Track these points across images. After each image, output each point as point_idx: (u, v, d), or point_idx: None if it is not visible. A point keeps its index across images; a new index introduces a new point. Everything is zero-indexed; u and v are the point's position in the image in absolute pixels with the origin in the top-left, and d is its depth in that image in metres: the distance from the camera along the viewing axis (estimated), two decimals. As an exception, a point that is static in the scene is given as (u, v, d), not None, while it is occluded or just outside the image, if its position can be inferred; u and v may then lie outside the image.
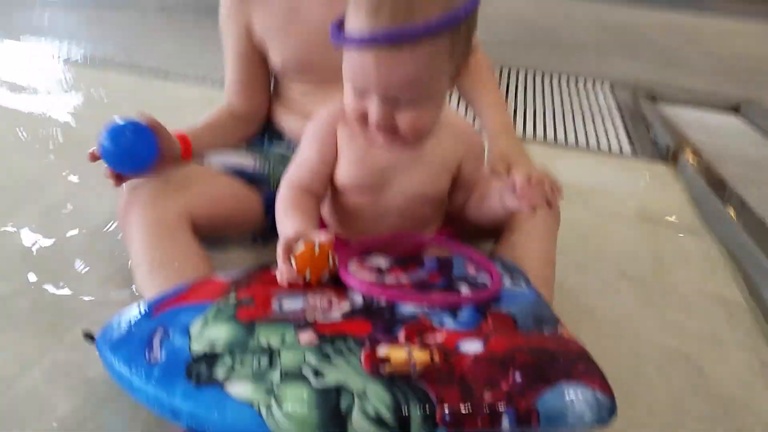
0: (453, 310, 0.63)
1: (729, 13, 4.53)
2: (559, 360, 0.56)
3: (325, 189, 0.77)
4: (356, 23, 0.60)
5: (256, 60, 0.95)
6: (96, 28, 2.15)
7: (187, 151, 0.84)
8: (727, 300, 0.98)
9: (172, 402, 0.51)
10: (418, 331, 0.59)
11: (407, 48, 0.59)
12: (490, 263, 0.73)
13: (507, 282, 0.70)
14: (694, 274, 1.05)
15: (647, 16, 3.94)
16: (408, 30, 0.58)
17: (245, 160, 0.90)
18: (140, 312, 0.61)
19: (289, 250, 0.64)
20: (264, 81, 0.98)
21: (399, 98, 0.64)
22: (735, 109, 2.03)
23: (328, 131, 0.74)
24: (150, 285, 0.72)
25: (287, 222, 0.70)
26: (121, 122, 0.74)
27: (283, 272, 0.64)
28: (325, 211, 0.82)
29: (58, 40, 1.96)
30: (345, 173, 0.74)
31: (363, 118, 0.66)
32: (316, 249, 0.64)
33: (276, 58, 0.93)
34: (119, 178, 0.76)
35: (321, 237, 0.64)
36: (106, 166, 0.74)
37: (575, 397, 0.52)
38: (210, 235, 0.82)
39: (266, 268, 0.69)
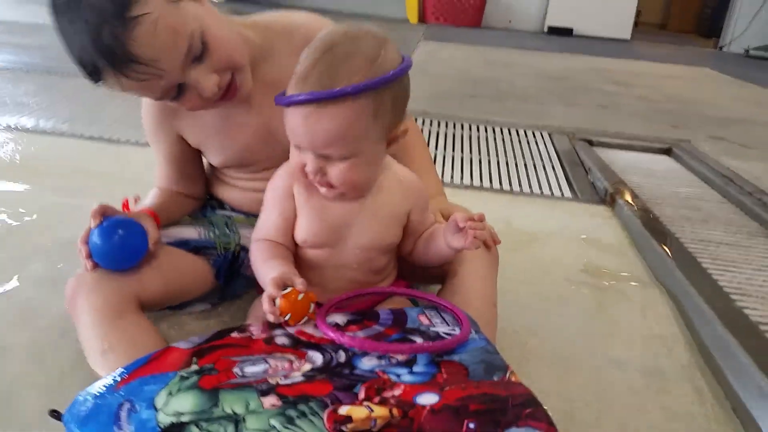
0: (409, 364, 0.67)
1: (661, 59, 4.82)
2: (508, 406, 0.60)
3: (291, 244, 0.80)
4: (292, 88, 0.70)
5: (190, 157, 0.95)
6: (45, 95, 2.16)
7: (157, 228, 0.86)
8: (665, 335, 1.04)
9: None
10: (377, 387, 0.62)
11: (329, 107, 0.67)
12: (460, 311, 0.77)
13: (458, 330, 0.74)
14: (634, 310, 1.11)
15: (584, 65, 4.16)
16: (327, 92, 0.67)
17: (188, 231, 0.92)
18: (105, 386, 0.62)
19: (277, 288, 0.69)
20: (200, 170, 0.99)
21: (329, 153, 0.70)
22: (667, 151, 2.15)
23: (285, 190, 0.79)
24: (104, 368, 0.74)
25: (266, 268, 0.75)
26: (111, 221, 0.77)
27: (266, 312, 0.69)
28: None
29: (7, 108, 1.96)
30: (303, 229, 0.79)
31: (304, 170, 0.73)
32: (300, 295, 0.69)
33: (215, 159, 0.94)
34: (96, 266, 0.77)
35: (305, 286, 0.70)
36: (85, 255, 0.76)
37: None
38: (164, 306, 0.83)
39: (226, 334, 0.72)
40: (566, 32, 6.16)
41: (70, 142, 1.73)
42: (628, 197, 1.57)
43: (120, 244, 0.77)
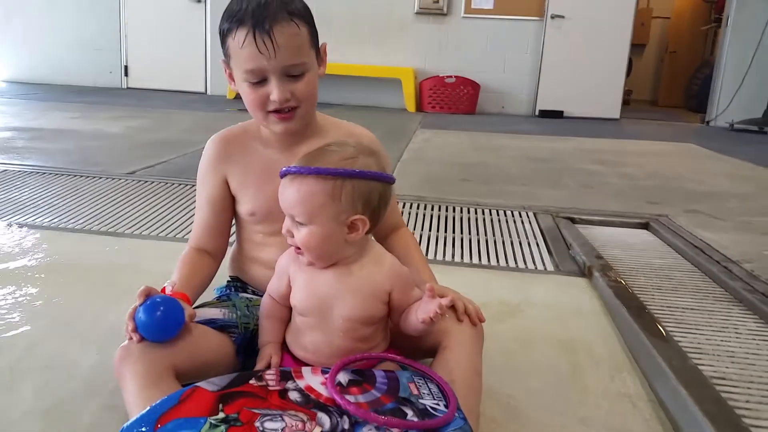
0: None
1: (647, 137, 5.07)
2: None
3: (288, 306, 1.00)
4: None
5: (226, 207, 1.16)
6: (71, 196, 2.36)
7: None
8: (630, 394, 1.16)
9: None
10: None
11: (298, 180, 0.91)
12: (448, 388, 0.90)
13: (442, 405, 0.88)
14: (603, 374, 1.23)
15: (571, 146, 4.39)
16: (297, 168, 0.90)
17: (215, 312, 1.07)
18: (143, 425, 0.76)
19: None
20: (228, 224, 1.19)
21: (294, 215, 0.92)
22: (645, 225, 2.31)
23: (286, 266, 1.00)
24: None
25: (262, 326, 1.04)
26: (154, 300, 0.92)
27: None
28: (290, 336, 1.01)
29: (40, 209, 2.16)
30: (294, 297, 0.98)
31: (290, 234, 0.95)
32: None
33: (246, 205, 1.13)
34: (141, 338, 0.92)
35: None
36: (131, 329, 0.91)
37: None
38: (192, 379, 0.97)
39: (245, 380, 0.86)
40: (557, 114, 6.48)
41: (95, 239, 1.91)
42: (603, 270, 1.71)
43: (162, 319, 0.92)
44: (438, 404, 0.88)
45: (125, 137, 3.91)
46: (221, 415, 0.79)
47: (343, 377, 0.91)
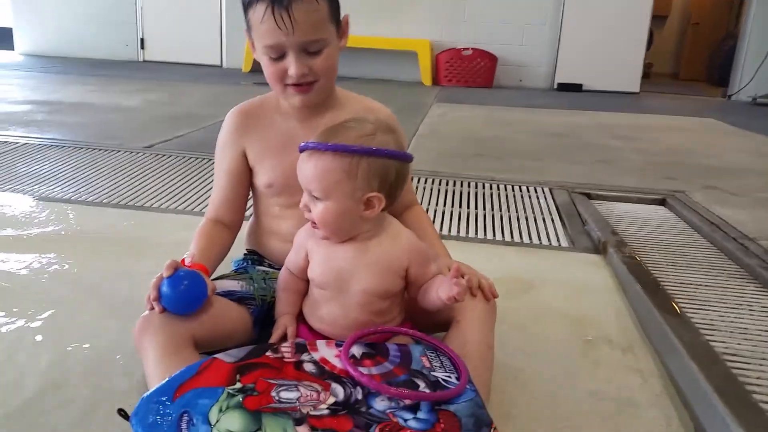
0: (413, 409, 0.82)
1: (667, 112, 5.00)
2: None
3: (305, 278, 1.02)
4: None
5: (244, 180, 1.17)
6: (90, 169, 2.40)
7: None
8: (642, 369, 1.17)
9: None
10: (389, 430, 0.78)
11: (316, 155, 0.92)
12: (460, 361, 0.92)
13: (453, 378, 0.89)
14: (615, 349, 1.24)
15: (589, 120, 4.35)
16: (315, 144, 0.91)
17: (233, 284, 1.09)
18: (164, 393, 0.79)
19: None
20: (245, 197, 1.21)
21: (311, 191, 0.93)
22: (661, 201, 2.30)
23: (303, 241, 1.01)
24: None
25: (279, 297, 1.06)
26: (179, 273, 0.94)
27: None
28: (307, 308, 1.03)
29: (59, 182, 2.20)
30: (312, 270, 1.00)
31: (307, 209, 0.97)
32: None
33: (264, 177, 1.15)
34: (163, 309, 0.94)
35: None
36: (153, 298, 0.93)
37: None
38: (210, 349, 0.99)
39: (261, 352, 0.89)
40: (576, 88, 6.39)
41: (114, 212, 1.94)
42: (618, 246, 1.71)
43: (186, 293, 0.94)
44: (450, 377, 0.90)
45: (142, 110, 3.93)
46: (238, 385, 0.81)
47: (356, 350, 0.92)
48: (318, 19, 1.01)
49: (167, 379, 0.82)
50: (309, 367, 0.88)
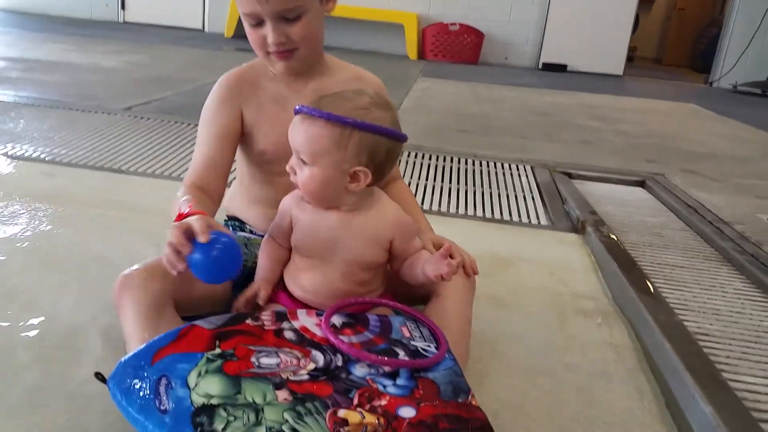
0: (393, 376, 0.83)
1: (649, 95, 5.03)
2: (468, 427, 0.77)
3: (289, 246, 1.01)
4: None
5: (234, 145, 1.11)
6: (67, 130, 2.34)
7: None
8: (616, 344, 1.19)
9: None
10: (368, 395, 0.78)
11: (308, 121, 0.90)
12: (438, 329, 0.93)
13: (432, 347, 0.90)
14: (591, 325, 1.26)
15: (572, 101, 4.36)
16: (309, 109, 0.90)
17: None
18: (142, 357, 0.78)
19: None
20: (231, 164, 1.12)
21: (300, 154, 0.92)
22: (641, 183, 2.32)
23: (288, 207, 1.00)
24: None
25: (260, 263, 1.04)
26: (212, 235, 0.81)
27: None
28: (288, 275, 1.02)
29: (36, 142, 2.14)
30: (295, 237, 0.99)
31: (293, 171, 0.95)
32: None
33: (258, 145, 1.11)
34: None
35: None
36: (176, 258, 0.82)
37: None
38: (190, 311, 0.98)
39: (242, 320, 0.89)
40: (560, 68, 6.39)
41: (91, 174, 1.90)
42: (596, 226, 1.73)
43: (221, 260, 0.83)
44: (429, 346, 0.90)
45: (121, 72, 3.85)
46: (218, 350, 0.81)
47: (337, 320, 0.92)
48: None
49: (145, 344, 0.81)
50: (289, 334, 0.88)
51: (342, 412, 0.74)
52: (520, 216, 1.88)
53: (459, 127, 3.07)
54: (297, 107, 0.93)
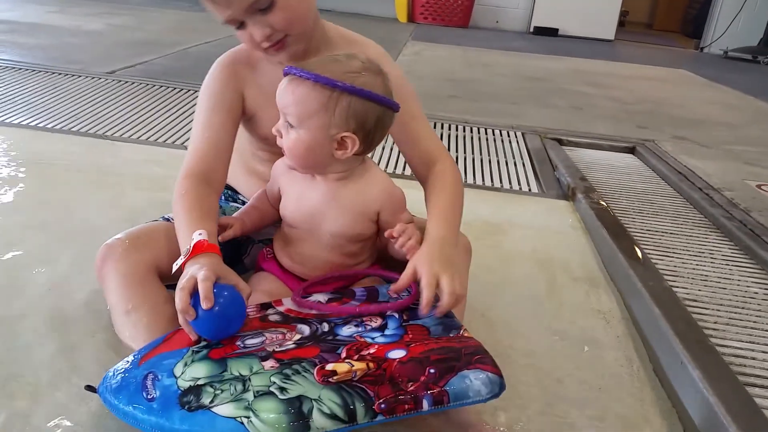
0: (381, 329, 0.82)
1: (640, 61, 4.99)
2: (461, 354, 0.76)
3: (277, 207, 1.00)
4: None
5: (236, 130, 1.04)
6: (49, 94, 2.29)
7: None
8: (605, 311, 1.20)
9: (173, 426, 0.68)
10: (356, 348, 0.78)
11: (296, 81, 0.87)
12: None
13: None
14: (579, 291, 1.26)
15: (564, 66, 4.32)
16: (298, 70, 0.87)
17: None
18: (129, 363, 0.77)
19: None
20: (232, 149, 1.04)
21: (286, 115, 0.89)
22: (631, 149, 2.31)
23: (277, 174, 0.99)
24: (125, 325, 0.89)
25: (243, 208, 1.04)
26: (215, 292, 0.78)
27: None
28: (278, 245, 1.01)
29: (17, 107, 2.10)
30: (284, 206, 0.98)
31: (279, 134, 0.92)
32: None
33: (261, 129, 1.05)
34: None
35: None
36: (180, 318, 0.80)
37: (473, 379, 0.72)
38: (174, 279, 0.97)
39: None
40: (552, 32, 6.32)
41: (74, 139, 1.86)
42: (586, 192, 1.72)
43: (220, 315, 0.79)
44: (418, 300, 0.90)
45: (105, 35, 3.75)
46: (203, 343, 0.80)
47: (322, 296, 0.92)
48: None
49: (133, 354, 0.80)
50: (274, 317, 0.87)
51: (330, 366, 0.74)
52: (510, 183, 1.87)
53: (450, 93, 3.03)
54: (286, 68, 0.90)
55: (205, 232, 0.87)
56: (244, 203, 1.15)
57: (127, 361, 0.77)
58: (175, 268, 0.86)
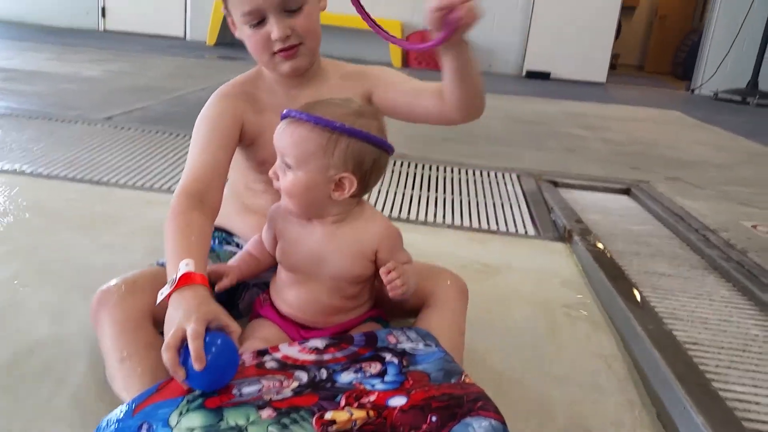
0: (381, 375, 0.81)
1: (633, 102, 5.07)
2: (463, 401, 0.75)
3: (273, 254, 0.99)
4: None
5: (231, 157, 1.04)
6: (46, 141, 2.30)
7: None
8: (605, 354, 1.19)
9: None
10: (356, 395, 0.76)
11: (295, 124, 0.89)
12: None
13: (421, 345, 0.89)
14: (580, 334, 1.25)
15: (557, 109, 4.38)
16: (296, 113, 0.89)
17: None
18: (123, 412, 0.75)
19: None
20: (227, 175, 1.04)
21: (284, 157, 0.90)
22: (626, 191, 2.33)
23: (272, 222, 0.98)
24: (119, 373, 0.87)
25: (238, 255, 1.04)
26: (206, 341, 0.76)
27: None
28: (274, 290, 1.00)
29: (14, 154, 2.10)
30: (279, 250, 0.97)
31: (276, 176, 0.93)
32: None
33: (259, 154, 1.06)
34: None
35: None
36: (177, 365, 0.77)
37: (476, 426, 0.71)
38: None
39: None
40: (544, 76, 6.43)
41: (71, 186, 1.86)
42: (582, 234, 1.72)
43: (217, 379, 0.78)
44: (418, 345, 0.89)
45: (102, 81, 3.80)
46: (198, 392, 0.78)
47: (320, 342, 0.90)
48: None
49: (127, 404, 0.78)
50: (271, 364, 0.85)
51: (329, 414, 0.72)
52: (507, 225, 1.87)
53: (444, 136, 3.06)
54: (284, 112, 0.91)
55: (192, 262, 0.85)
56: (239, 246, 1.14)
57: (121, 411, 0.76)
58: (160, 298, 0.84)
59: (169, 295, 0.82)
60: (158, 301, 0.84)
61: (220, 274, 0.97)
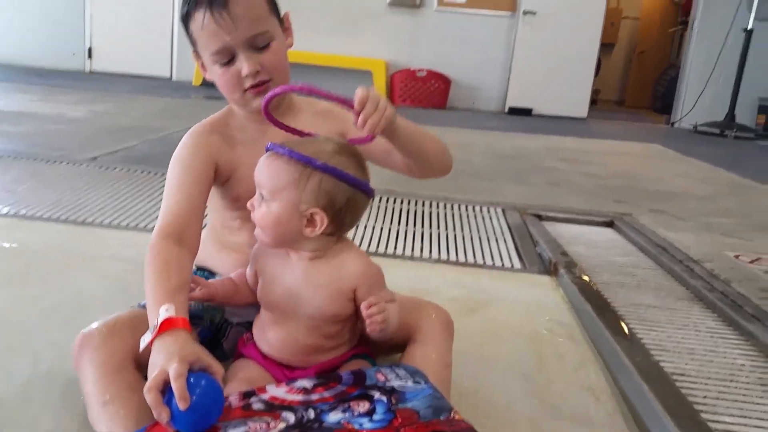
0: (369, 413, 0.80)
1: (613, 137, 5.16)
2: None
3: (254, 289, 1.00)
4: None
5: (207, 194, 1.05)
6: (30, 182, 2.29)
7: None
8: (594, 387, 1.18)
9: None
10: None
11: (273, 158, 0.91)
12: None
13: (410, 382, 0.88)
14: (568, 367, 1.25)
15: (539, 144, 4.44)
16: (275, 147, 0.91)
17: None
18: None
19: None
20: (204, 212, 1.05)
21: (260, 188, 0.92)
22: (609, 223, 2.35)
23: (254, 259, 0.99)
24: (101, 417, 0.85)
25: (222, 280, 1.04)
26: (190, 379, 0.76)
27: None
28: (257, 330, 0.99)
29: (-7, 195, 2.09)
30: (262, 289, 0.97)
31: (252, 207, 0.94)
32: None
33: (235, 190, 1.07)
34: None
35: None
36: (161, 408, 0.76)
37: None
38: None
39: None
40: (526, 112, 6.54)
41: (55, 227, 1.85)
42: (568, 267, 1.73)
43: (206, 413, 0.77)
44: (406, 382, 0.88)
45: (88, 122, 3.81)
46: None
47: (308, 382, 0.89)
48: (258, 12, 0.99)
49: None
50: (258, 405, 0.84)
51: None
52: (492, 259, 1.88)
53: (429, 171, 3.09)
54: (268, 145, 0.93)
55: (172, 306, 0.84)
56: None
57: None
58: (142, 345, 0.83)
59: (151, 342, 0.82)
60: (141, 348, 0.84)
61: (196, 284, 0.98)
